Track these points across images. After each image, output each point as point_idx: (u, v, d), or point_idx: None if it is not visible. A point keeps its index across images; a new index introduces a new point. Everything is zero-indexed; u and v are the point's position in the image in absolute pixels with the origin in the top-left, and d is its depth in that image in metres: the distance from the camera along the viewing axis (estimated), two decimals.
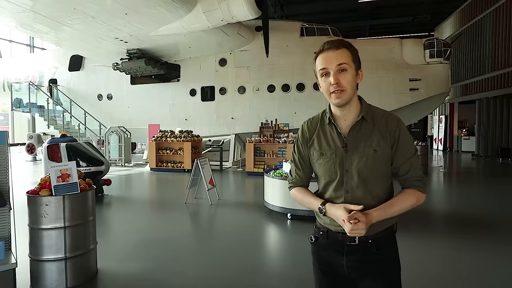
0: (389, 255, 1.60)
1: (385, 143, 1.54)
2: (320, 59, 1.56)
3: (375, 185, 1.56)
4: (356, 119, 1.57)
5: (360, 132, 1.56)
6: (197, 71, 14.32)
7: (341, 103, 1.54)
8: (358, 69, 1.56)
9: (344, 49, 1.52)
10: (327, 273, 1.66)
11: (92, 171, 7.39)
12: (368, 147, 1.54)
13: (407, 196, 1.55)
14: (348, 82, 1.51)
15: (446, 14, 21.60)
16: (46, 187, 3.44)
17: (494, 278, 3.79)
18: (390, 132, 1.55)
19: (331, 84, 1.51)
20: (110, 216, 6.61)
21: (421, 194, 1.56)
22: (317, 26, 13.69)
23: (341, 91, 1.51)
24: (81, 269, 3.56)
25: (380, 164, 1.55)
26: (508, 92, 15.84)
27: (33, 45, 23.83)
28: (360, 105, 1.60)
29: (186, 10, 10.07)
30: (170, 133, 12.86)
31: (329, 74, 1.52)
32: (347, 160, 1.56)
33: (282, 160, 7.13)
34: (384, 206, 1.51)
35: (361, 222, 1.41)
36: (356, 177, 1.54)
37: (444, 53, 12.31)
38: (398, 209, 1.52)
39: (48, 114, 15.55)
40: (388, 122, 1.56)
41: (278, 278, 3.86)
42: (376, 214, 1.48)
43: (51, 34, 11.26)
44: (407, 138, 1.56)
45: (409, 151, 1.56)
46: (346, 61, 1.51)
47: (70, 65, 16.21)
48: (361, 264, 1.56)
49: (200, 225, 6.23)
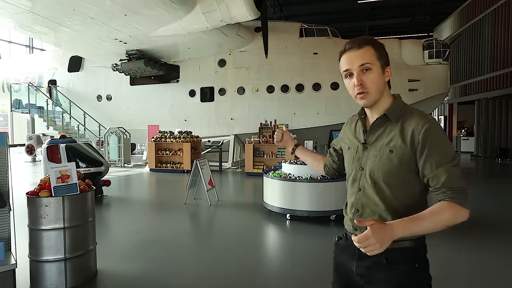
0: (401, 273, 1.39)
1: (405, 145, 1.38)
2: (343, 60, 1.48)
3: (386, 190, 1.42)
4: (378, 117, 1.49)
5: (380, 130, 1.47)
6: (196, 72, 14.33)
7: (367, 104, 1.48)
8: (385, 66, 1.45)
9: (368, 47, 1.42)
10: (341, 274, 1.62)
11: (92, 172, 7.39)
12: (385, 147, 1.43)
13: (439, 209, 1.30)
14: (372, 82, 1.42)
15: (445, 15, 21.65)
16: (46, 188, 3.45)
17: (497, 279, 3.80)
18: (414, 134, 1.37)
19: (355, 85, 1.44)
20: (109, 217, 6.62)
21: (460, 208, 1.29)
22: (316, 27, 13.72)
23: (365, 92, 1.43)
24: (80, 270, 3.56)
25: (396, 167, 1.39)
26: (507, 93, 15.87)
27: (32, 46, 23.84)
28: (390, 103, 1.48)
29: (185, 11, 10.09)
30: (169, 133, 12.87)
31: (353, 75, 1.44)
32: (363, 157, 1.51)
33: (281, 160, 7.14)
34: (410, 219, 1.28)
35: (372, 237, 1.19)
36: (368, 176, 1.47)
37: (443, 53, 12.34)
38: (429, 224, 1.28)
39: (48, 115, 15.54)
40: (414, 123, 1.38)
41: (277, 278, 3.87)
42: (399, 226, 1.25)
43: (50, 35, 11.27)
44: (438, 143, 1.34)
45: (439, 158, 1.33)
46: (369, 60, 1.41)
47: (69, 66, 16.22)
48: (369, 272, 1.45)
49: (199, 226, 6.24)
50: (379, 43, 1.46)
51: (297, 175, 6.02)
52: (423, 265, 1.43)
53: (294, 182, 5.90)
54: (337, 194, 5.88)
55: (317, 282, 3.71)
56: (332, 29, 13.72)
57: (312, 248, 4.81)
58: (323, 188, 5.79)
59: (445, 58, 12.39)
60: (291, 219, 5.98)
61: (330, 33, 13.54)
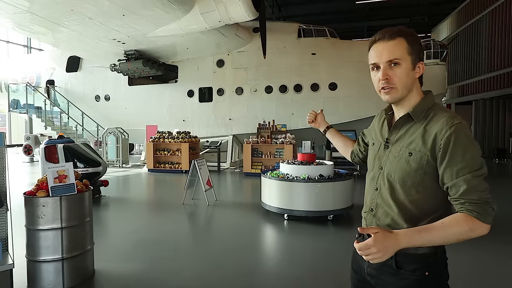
0: (409, 279, 1.34)
1: (426, 149, 1.30)
2: (372, 51, 1.38)
3: (402, 194, 1.36)
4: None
5: (403, 131, 1.40)
6: (194, 72, 14.34)
7: (391, 101, 1.39)
8: (417, 61, 1.35)
9: (400, 39, 1.32)
10: (356, 271, 1.59)
11: (90, 172, 7.39)
12: (405, 149, 1.36)
13: (453, 221, 1.22)
14: (400, 78, 1.33)
15: (443, 15, 21.74)
16: (43, 188, 3.45)
17: (495, 277, 3.83)
18: (436, 139, 1.27)
19: (380, 79, 1.35)
20: (107, 217, 6.61)
21: (476, 221, 1.19)
22: (314, 27, 13.75)
23: (390, 88, 1.34)
24: (78, 270, 3.57)
25: (414, 170, 1.32)
26: (504, 93, 15.95)
27: (30, 46, 23.79)
28: (418, 102, 1.39)
29: (183, 11, 10.09)
30: (167, 134, 12.87)
31: (380, 68, 1.35)
32: (384, 157, 1.45)
33: (279, 160, 7.15)
34: (418, 229, 1.24)
35: (373, 246, 1.17)
36: (386, 177, 1.41)
37: (441, 54, 12.38)
38: (439, 236, 1.21)
39: (46, 115, 15.52)
40: (438, 127, 1.28)
41: (275, 278, 3.88)
42: (405, 237, 1.21)
43: (48, 35, 11.25)
44: (461, 150, 1.23)
45: (461, 166, 1.22)
46: (399, 55, 1.31)
47: (67, 66, 16.20)
48: (378, 273, 1.42)
49: (197, 226, 6.24)
50: (414, 36, 1.35)
51: (294, 175, 6.04)
52: (436, 275, 1.35)
53: (292, 182, 5.91)
54: (334, 194, 5.90)
55: (314, 282, 3.72)
56: (330, 29, 13.75)
57: (310, 248, 4.83)
58: (321, 188, 5.80)
59: (442, 59, 12.43)
60: (288, 219, 5.99)
61: (328, 33, 13.57)
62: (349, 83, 12.78)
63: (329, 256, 4.48)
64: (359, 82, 12.15)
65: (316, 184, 5.81)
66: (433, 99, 1.42)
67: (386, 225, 1.41)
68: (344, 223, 5.90)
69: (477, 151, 1.25)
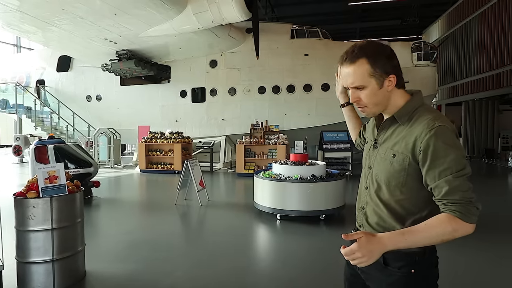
0: (395, 275, 1.37)
1: (407, 151, 1.32)
2: (341, 73, 1.43)
3: (387, 193, 1.40)
4: None
5: (389, 132, 1.44)
6: (187, 73, 14.30)
7: (370, 116, 1.48)
8: (385, 77, 1.35)
9: (361, 61, 1.33)
10: (350, 266, 1.60)
11: (81, 173, 7.31)
12: (390, 150, 1.40)
13: (436, 222, 1.23)
14: (369, 98, 1.37)
15: (434, 17, 21.99)
16: (34, 189, 3.41)
17: (488, 277, 3.89)
18: (416, 142, 1.30)
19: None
20: (99, 218, 6.56)
21: (459, 221, 1.21)
22: (307, 28, 13.82)
23: (363, 107, 1.41)
24: (69, 271, 3.53)
25: (397, 171, 1.36)
26: (493, 95, 16.20)
27: (20, 45, 23.46)
28: (403, 104, 1.41)
29: (176, 11, 10.06)
30: (160, 134, 12.80)
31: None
32: (372, 157, 1.50)
33: (272, 161, 7.17)
34: (402, 232, 1.26)
35: (358, 251, 1.20)
36: (374, 176, 1.46)
37: (431, 56, 12.54)
38: (423, 237, 1.23)
39: (36, 115, 15.32)
40: (419, 129, 1.30)
41: (267, 278, 3.89)
42: (389, 240, 1.24)
43: (38, 34, 11.12)
44: (442, 152, 1.24)
45: (442, 168, 1.24)
46: (360, 81, 1.34)
47: (58, 66, 16.02)
48: (367, 268, 1.41)
49: (190, 226, 6.23)
50: (376, 53, 1.34)
51: (287, 175, 6.06)
52: (422, 273, 1.37)
53: (284, 183, 5.93)
54: (326, 194, 5.94)
55: (307, 282, 3.74)
56: (323, 30, 13.83)
57: (302, 247, 4.85)
58: (313, 188, 5.83)
59: (433, 60, 12.60)
60: (281, 219, 6.01)
61: (321, 34, 13.65)
62: None
63: (322, 256, 4.50)
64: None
65: (309, 184, 5.84)
66: (420, 100, 1.42)
67: (375, 223, 1.45)
68: (336, 223, 5.94)
69: (459, 152, 1.26)
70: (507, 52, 14.74)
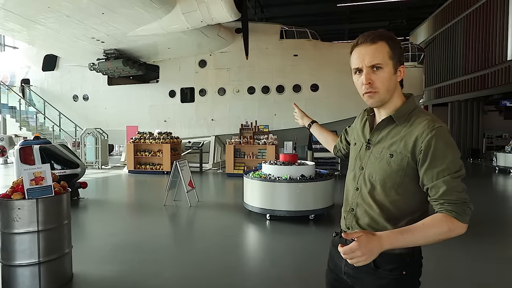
0: (387, 278, 1.36)
1: (407, 151, 1.32)
2: (354, 55, 1.39)
3: (382, 194, 1.38)
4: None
5: (384, 132, 1.42)
6: (176, 72, 14.20)
7: (374, 105, 1.42)
8: (398, 65, 1.37)
9: (381, 43, 1.33)
10: (332, 269, 1.59)
11: (67, 174, 7.20)
12: (386, 150, 1.38)
13: (433, 221, 1.25)
14: (382, 82, 1.34)
15: (421, 19, 22.35)
16: (19, 190, 3.35)
17: (479, 277, 3.96)
18: (417, 142, 1.31)
19: (363, 83, 1.36)
20: (86, 220, 6.47)
21: (455, 221, 1.23)
22: (296, 29, 13.88)
23: (373, 92, 1.36)
24: (55, 274, 3.48)
25: (394, 172, 1.35)
26: (478, 96, 16.57)
27: (4, 44, 22.94)
28: (400, 105, 1.41)
29: (165, 10, 9.98)
30: (148, 134, 12.69)
31: (362, 71, 1.36)
32: (365, 157, 1.47)
33: (261, 161, 7.18)
34: (400, 231, 1.26)
35: (358, 250, 1.19)
36: (367, 177, 1.43)
37: (418, 57, 12.74)
38: (420, 237, 1.24)
39: (20, 115, 14.99)
40: (419, 130, 1.31)
41: (257, 277, 3.90)
42: (387, 239, 1.23)
43: (23, 32, 10.89)
44: (442, 153, 1.27)
45: (441, 169, 1.26)
46: (381, 59, 1.33)
47: (43, 65, 15.73)
48: (355, 272, 1.42)
49: (179, 227, 6.19)
50: (395, 40, 1.36)
51: (276, 175, 6.08)
52: (412, 273, 1.39)
53: (274, 183, 5.95)
54: (316, 194, 5.98)
55: (296, 281, 3.76)
56: (312, 31, 13.91)
57: (291, 247, 4.87)
58: (302, 188, 5.87)
59: (420, 62, 12.80)
60: (270, 219, 6.03)
61: (310, 35, 13.72)
62: (330, 85, 12.97)
63: (310, 255, 4.53)
64: (340, 83, 12.36)
65: (298, 184, 5.87)
66: (415, 102, 1.44)
67: (366, 224, 1.43)
68: (325, 222, 5.98)
69: (457, 154, 1.29)
70: (491, 54, 15.09)
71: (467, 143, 18.21)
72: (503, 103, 17.50)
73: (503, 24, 14.29)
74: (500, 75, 14.43)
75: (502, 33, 14.35)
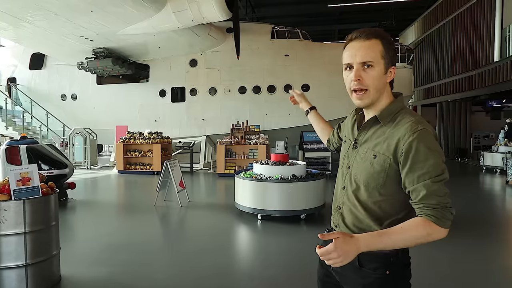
0: (370, 277, 1.37)
1: (389, 152, 1.31)
2: (347, 50, 1.36)
3: (365, 194, 1.39)
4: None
5: (370, 133, 1.41)
6: (167, 72, 14.10)
7: (362, 105, 1.39)
8: (390, 66, 1.35)
9: (375, 41, 1.32)
10: (323, 266, 1.58)
11: (55, 174, 7.08)
12: (370, 150, 1.38)
13: (412, 225, 1.25)
14: (372, 80, 1.32)
15: (410, 21, 22.63)
16: (5, 191, 3.28)
17: (464, 277, 4.02)
18: (399, 144, 1.29)
19: (352, 80, 1.33)
20: (74, 221, 6.37)
21: (434, 226, 1.23)
22: (287, 29, 13.91)
23: (363, 90, 1.34)
24: (43, 276, 3.41)
25: (377, 172, 1.35)
26: (466, 96, 16.84)
27: None
28: (387, 105, 1.39)
29: (155, 9, 9.89)
30: (138, 134, 12.57)
31: (353, 68, 1.34)
32: (352, 156, 1.47)
33: (253, 161, 7.17)
34: (378, 233, 1.27)
35: (334, 252, 1.18)
36: (352, 177, 1.44)
37: (407, 58, 12.91)
38: (398, 240, 1.24)
39: (7, 114, 14.71)
40: (402, 132, 1.29)
41: (248, 278, 3.89)
42: (365, 241, 1.23)
43: (9, 30, 10.67)
44: (423, 157, 1.24)
45: (421, 172, 1.24)
46: (373, 57, 1.31)
47: (31, 64, 15.46)
48: (342, 270, 1.42)
49: (169, 228, 6.14)
50: (389, 40, 1.35)
51: (268, 175, 6.08)
52: (396, 274, 1.38)
53: (265, 183, 5.95)
54: (307, 193, 5.99)
55: (287, 281, 3.76)
56: (303, 31, 13.95)
57: (283, 247, 4.87)
58: (293, 188, 5.88)
59: (409, 62, 12.97)
60: (262, 219, 6.02)
61: (301, 35, 13.77)
62: (320, 84, 13.03)
63: (302, 255, 4.53)
64: (331, 83, 12.42)
65: (289, 184, 5.87)
66: (402, 102, 1.42)
67: (351, 223, 1.44)
68: (316, 222, 6.00)
69: (439, 157, 1.26)
70: (478, 55, 15.37)
71: (455, 143, 18.50)
72: (490, 104, 17.86)
73: (490, 26, 14.57)
74: (487, 76, 14.70)
75: (489, 35, 14.63)
